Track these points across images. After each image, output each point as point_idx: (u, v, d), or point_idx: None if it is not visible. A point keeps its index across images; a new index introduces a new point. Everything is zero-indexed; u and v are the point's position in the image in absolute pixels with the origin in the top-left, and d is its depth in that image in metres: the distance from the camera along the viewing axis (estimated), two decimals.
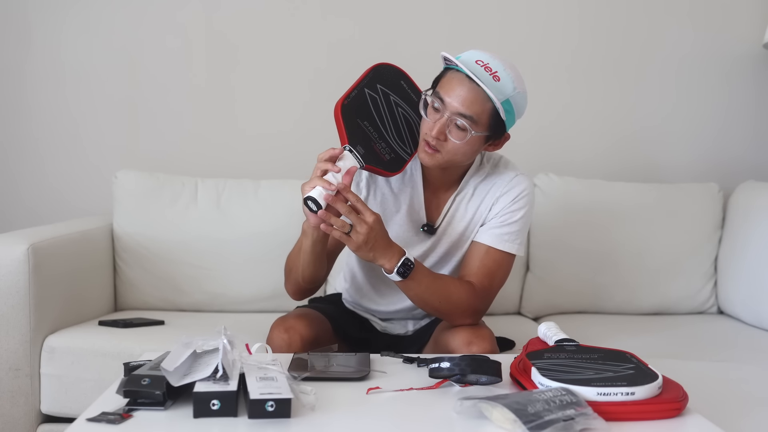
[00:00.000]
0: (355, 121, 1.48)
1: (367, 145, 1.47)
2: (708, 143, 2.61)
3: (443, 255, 1.66)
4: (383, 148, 1.50)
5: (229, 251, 2.23)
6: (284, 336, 1.52)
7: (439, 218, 1.65)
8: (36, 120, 2.53)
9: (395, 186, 1.64)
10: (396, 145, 1.53)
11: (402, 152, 1.54)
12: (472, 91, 1.45)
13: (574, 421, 0.99)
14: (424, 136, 1.51)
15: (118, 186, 2.27)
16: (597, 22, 2.56)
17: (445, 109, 1.47)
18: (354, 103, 1.48)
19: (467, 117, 1.46)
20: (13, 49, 2.51)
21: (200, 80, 2.53)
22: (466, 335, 1.52)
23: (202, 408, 1.03)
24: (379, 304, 1.75)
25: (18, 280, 1.79)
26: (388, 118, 1.53)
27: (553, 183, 2.35)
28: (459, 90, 1.46)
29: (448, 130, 1.48)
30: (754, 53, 2.57)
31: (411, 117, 1.57)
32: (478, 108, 1.46)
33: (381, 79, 1.54)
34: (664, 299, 2.33)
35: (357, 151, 1.44)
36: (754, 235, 2.21)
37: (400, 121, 1.55)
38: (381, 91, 1.53)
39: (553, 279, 2.31)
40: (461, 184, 1.64)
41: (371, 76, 1.53)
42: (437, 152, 1.50)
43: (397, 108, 1.55)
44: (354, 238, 1.40)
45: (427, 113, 1.51)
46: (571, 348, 1.28)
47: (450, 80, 1.49)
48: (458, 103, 1.46)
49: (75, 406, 1.81)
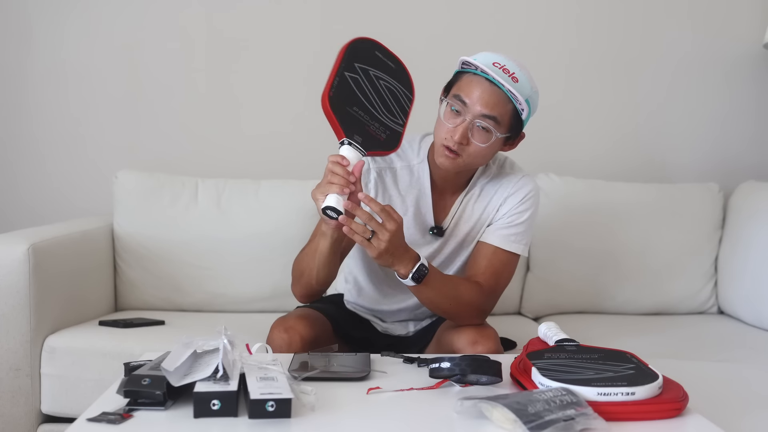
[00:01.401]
0: (345, 110, 1.41)
1: (363, 131, 1.43)
2: (708, 143, 2.61)
3: (450, 255, 1.67)
4: (377, 128, 1.44)
5: (229, 251, 2.23)
6: (284, 336, 1.52)
7: (446, 220, 1.65)
8: (37, 120, 2.53)
9: (403, 188, 1.64)
10: (388, 120, 1.46)
11: (395, 126, 1.47)
12: (495, 93, 1.46)
13: (574, 421, 0.99)
14: (444, 141, 1.50)
15: (119, 186, 2.27)
16: (597, 23, 2.56)
17: (467, 112, 1.47)
18: (339, 91, 1.41)
19: (491, 118, 1.47)
20: (14, 48, 2.51)
21: (201, 80, 2.53)
22: (471, 335, 1.53)
23: (202, 408, 1.03)
24: (382, 305, 1.74)
25: (18, 280, 1.79)
26: (374, 96, 1.46)
27: (554, 183, 2.35)
28: (480, 92, 1.46)
29: (471, 134, 1.48)
30: (754, 53, 2.57)
31: (394, 86, 1.51)
32: (501, 109, 1.47)
33: (357, 57, 1.46)
34: (664, 299, 2.33)
35: (356, 141, 1.40)
36: (754, 234, 2.21)
37: (385, 94, 1.47)
38: (360, 70, 1.47)
39: (554, 279, 2.31)
40: (469, 185, 1.64)
41: (347, 57, 1.44)
42: (458, 156, 1.50)
43: (379, 82, 1.49)
44: (375, 245, 1.37)
45: (445, 117, 1.50)
46: (572, 348, 1.28)
47: (469, 83, 1.48)
48: (481, 105, 1.46)
49: (75, 406, 1.81)
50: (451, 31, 2.52)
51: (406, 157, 1.65)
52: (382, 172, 1.63)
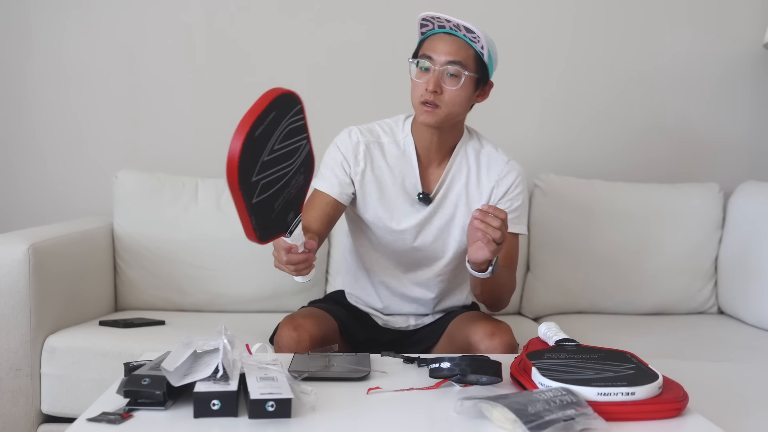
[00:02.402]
0: (272, 221, 1.18)
1: (292, 207, 1.22)
2: (708, 143, 2.61)
3: (442, 227, 1.70)
4: (295, 182, 1.21)
5: (229, 251, 2.23)
6: (293, 334, 1.53)
7: (434, 189, 1.70)
8: (37, 120, 2.53)
9: (390, 160, 1.69)
10: (295, 167, 1.23)
11: (302, 156, 1.24)
12: (455, 41, 1.59)
13: (574, 421, 0.99)
14: (420, 98, 1.60)
15: (119, 186, 2.27)
16: (596, 22, 2.56)
17: (435, 64, 1.58)
18: (259, 222, 1.16)
19: (457, 62, 1.58)
20: (14, 48, 2.51)
21: (201, 80, 2.53)
22: (489, 327, 1.56)
23: (202, 408, 1.03)
24: (383, 299, 1.77)
25: (18, 280, 1.79)
26: (280, 173, 1.20)
27: (553, 183, 2.35)
28: (443, 44, 1.59)
29: (443, 82, 1.58)
30: (754, 53, 2.57)
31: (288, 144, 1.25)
32: (464, 53, 1.59)
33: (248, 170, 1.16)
34: (664, 299, 2.33)
35: (292, 221, 1.22)
36: (754, 234, 2.21)
37: (284, 157, 1.22)
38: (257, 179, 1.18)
39: (554, 279, 2.31)
40: (453, 154, 1.70)
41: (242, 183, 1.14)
42: (437, 107, 1.59)
43: (282, 143, 1.22)
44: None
45: (417, 77, 1.61)
46: (572, 348, 1.28)
47: (431, 41, 1.61)
48: (446, 54, 1.58)
49: (75, 406, 1.81)
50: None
51: (392, 133, 1.72)
52: (371, 145, 1.69)
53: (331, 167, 1.68)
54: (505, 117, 2.50)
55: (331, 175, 1.67)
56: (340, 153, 1.68)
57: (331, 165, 1.68)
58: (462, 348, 1.59)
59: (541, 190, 2.34)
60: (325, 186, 1.66)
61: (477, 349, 1.53)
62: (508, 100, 2.49)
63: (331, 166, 1.68)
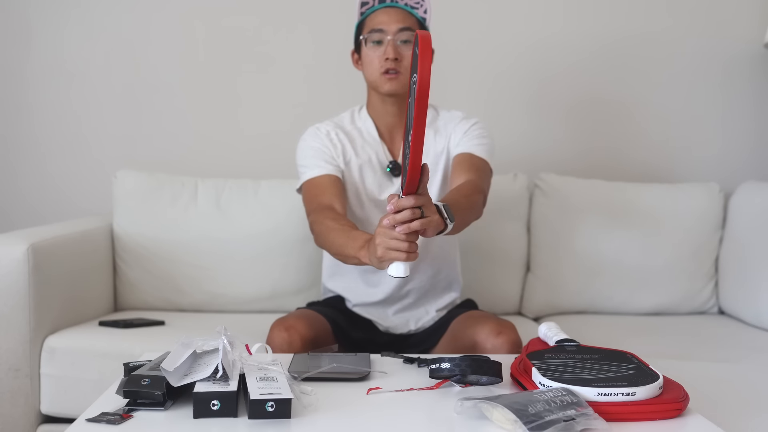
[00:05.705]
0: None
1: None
2: (708, 143, 2.61)
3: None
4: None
5: (229, 251, 2.23)
6: (284, 335, 1.53)
7: (401, 158, 1.73)
8: (37, 119, 2.53)
9: (357, 143, 1.77)
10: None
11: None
12: (400, 11, 1.71)
13: (574, 422, 0.99)
14: (380, 69, 1.68)
15: (119, 186, 2.27)
16: (596, 22, 2.56)
17: (387, 34, 1.68)
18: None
19: (407, 29, 1.69)
20: (14, 48, 2.51)
21: (201, 80, 2.53)
22: (494, 326, 1.56)
23: (202, 408, 1.03)
24: (375, 295, 1.77)
25: (18, 280, 1.79)
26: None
27: (553, 183, 2.35)
28: (388, 16, 1.70)
29: (399, 48, 1.68)
30: (754, 53, 2.57)
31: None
32: (410, 21, 1.71)
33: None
34: (664, 299, 2.33)
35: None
36: (754, 235, 2.21)
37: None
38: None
39: (554, 279, 2.31)
40: None
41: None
42: (399, 73, 1.67)
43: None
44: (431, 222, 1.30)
45: (371, 52, 1.70)
46: (572, 348, 1.28)
47: (375, 15, 1.71)
48: (395, 23, 1.69)
49: (75, 406, 1.80)
50: (452, 36, 2.52)
51: (351, 119, 1.82)
52: (338, 131, 1.77)
53: (312, 156, 1.73)
54: (505, 117, 2.50)
55: (318, 160, 1.72)
56: (316, 142, 1.74)
57: (311, 154, 1.73)
58: (467, 347, 1.59)
59: (541, 190, 2.34)
60: (318, 171, 1.70)
61: (483, 348, 1.53)
62: (509, 100, 2.49)
63: (312, 155, 1.73)
